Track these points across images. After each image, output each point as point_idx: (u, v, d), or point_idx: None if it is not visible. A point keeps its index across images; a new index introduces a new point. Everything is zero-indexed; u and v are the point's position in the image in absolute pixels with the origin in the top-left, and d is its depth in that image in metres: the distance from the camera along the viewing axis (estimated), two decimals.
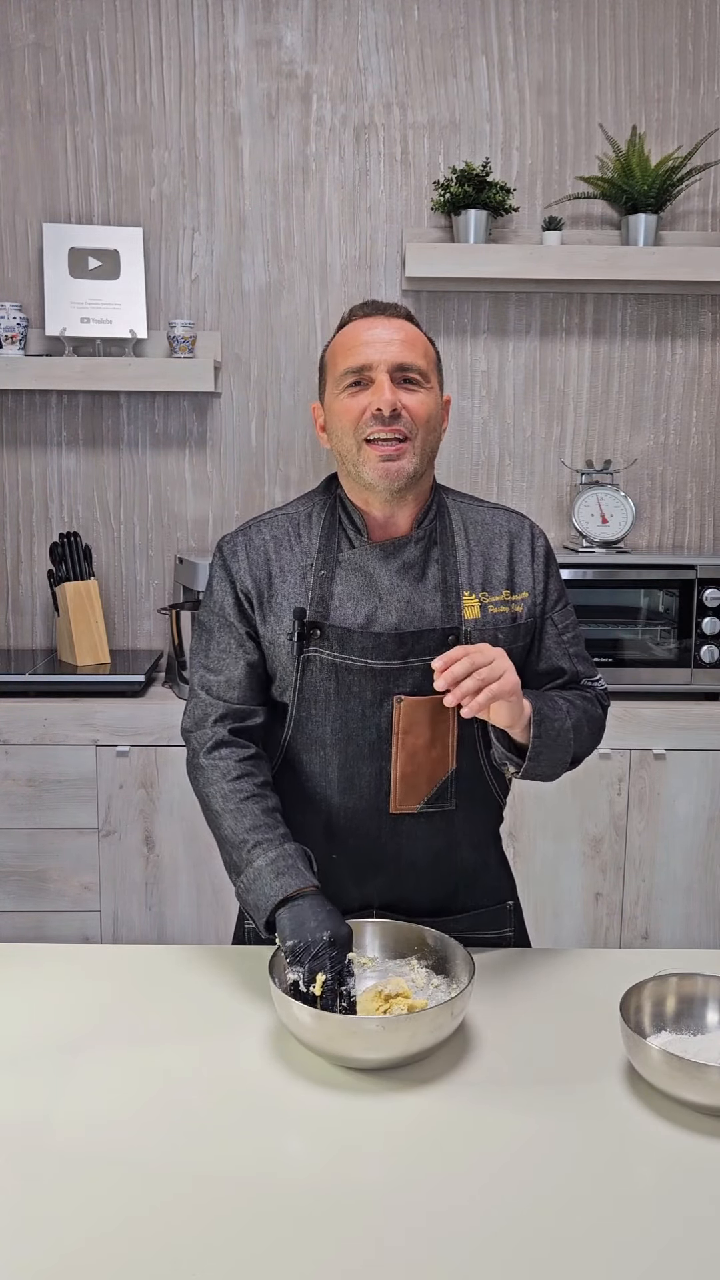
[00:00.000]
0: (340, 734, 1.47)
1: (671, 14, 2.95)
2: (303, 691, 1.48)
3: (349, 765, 1.48)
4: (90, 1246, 0.98)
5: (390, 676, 1.45)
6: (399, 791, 1.48)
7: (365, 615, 1.45)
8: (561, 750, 1.43)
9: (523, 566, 1.52)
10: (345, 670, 1.45)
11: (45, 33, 2.92)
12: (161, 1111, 1.18)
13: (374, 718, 1.46)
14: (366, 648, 1.44)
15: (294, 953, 1.30)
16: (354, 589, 1.47)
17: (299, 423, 3.08)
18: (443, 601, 1.47)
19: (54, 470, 3.09)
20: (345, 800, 1.49)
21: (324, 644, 1.45)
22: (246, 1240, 0.99)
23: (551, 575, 1.55)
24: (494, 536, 1.52)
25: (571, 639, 1.56)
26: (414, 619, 1.46)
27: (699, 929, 2.80)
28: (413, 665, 1.45)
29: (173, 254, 3.02)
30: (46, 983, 1.45)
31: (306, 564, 1.49)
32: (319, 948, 1.29)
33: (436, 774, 1.48)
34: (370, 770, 1.48)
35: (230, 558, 1.51)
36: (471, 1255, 0.97)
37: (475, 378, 3.09)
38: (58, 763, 2.69)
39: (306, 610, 1.46)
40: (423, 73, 2.96)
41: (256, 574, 1.49)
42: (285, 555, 1.49)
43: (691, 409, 3.12)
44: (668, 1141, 1.13)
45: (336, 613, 1.46)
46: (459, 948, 1.35)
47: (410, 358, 1.42)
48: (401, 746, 1.46)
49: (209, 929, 2.75)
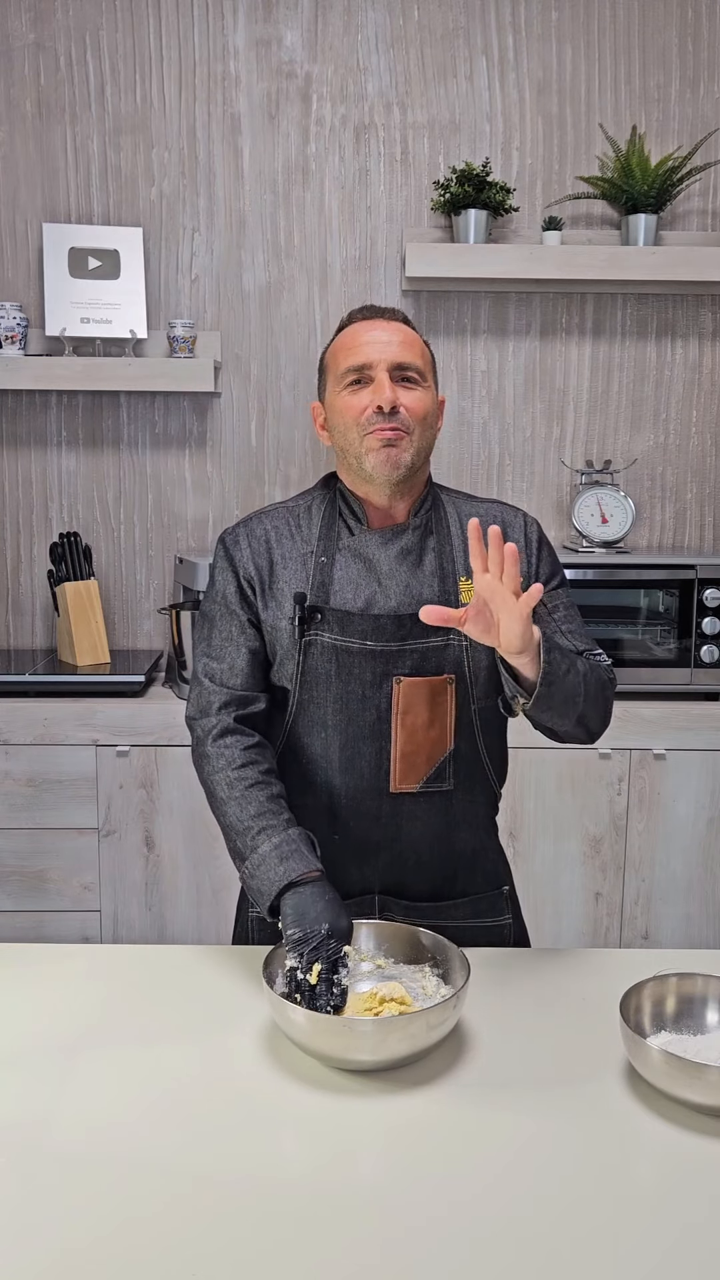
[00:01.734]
0: (341, 715, 1.51)
1: (671, 14, 2.95)
2: (304, 674, 1.51)
3: (350, 745, 1.51)
4: (89, 1246, 0.98)
5: (389, 658, 1.49)
6: (399, 770, 1.51)
7: (365, 599, 1.50)
8: (572, 688, 1.41)
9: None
10: (345, 652, 1.49)
11: (45, 33, 2.92)
12: (161, 1112, 1.18)
13: (374, 699, 1.50)
14: (366, 630, 1.48)
15: (295, 942, 1.33)
16: (354, 574, 1.51)
17: (299, 423, 3.08)
18: (440, 587, 1.51)
19: (54, 470, 3.09)
20: (347, 780, 1.52)
21: (325, 627, 1.49)
22: (246, 1240, 0.99)
23: (543, 558, 1.57)
24: (487, 526, 1.53)
25: (564, 617, 1.56)
26: (412, 603, 1.49)
27: (699, 929, 2.80)
28: (411, 647, 1.49)
29: (173, 254, 3.02)
30: (46, 983, 1.45)
31: (307, 551, 1.53)
32: (318, 940, 1.32)
33: (435, 754, 1.52)
34: (371, 750, 1.51)
35: (232, 546, 1.55)
36: (471, 1256, 0.97)
37: (475, 378, 3.09)
38: (58, 763, 2.69)
39: (307, 595, 1.49)
40: (423, 73, 2.96)
41: (259, 561, 1.53)
42: (286, 543, 1.54)
43: (691, 409, 3.12)
44: (668, 1141, 1.13)
45: (337, 597, 1.50)
46: (455, 949, 1.35)
47: (408, 357, 1.48)
48: (401, 726, 1.50)
49: (209, 929, 2.75)
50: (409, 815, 1.53)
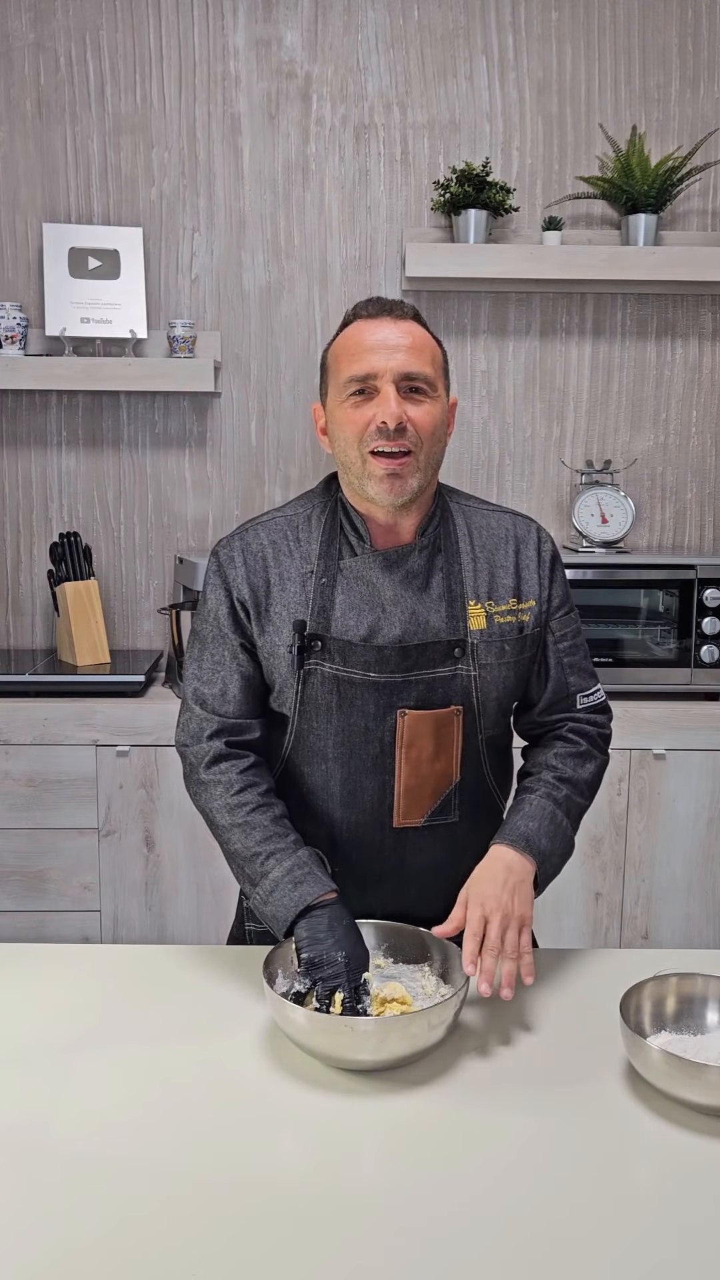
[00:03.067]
0: (343, 748, 1.45)
1: (671, 14, 2.95)
2: (303, 704, 1.44)
3: (351, 779, 1.45)
4: (90, 1246, 0.98)
5: (394, 689, 1.42)
6: (402, 805, 1.45)
7: (368, 627, 1.42)
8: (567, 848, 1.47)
9: (529, 573, 1.48)
10: (347, 683, 1.42)
11: (45, 33, 2.92)
12: (161, 1112, 1.18)
13: (377, 731, 1.43)
14: (369, 661, 1.41)
15: (308, 965, 1.30)
16: (356, 599, 1.43)
17: (299, 423, 3.08)
18: (448, 612, 1.43)
19: (54, 470, 3.09)
20: (348, 814, 1.47)
21: (325, 657, 1.42)
22: (246, 1241, 0.99)
23: (556, 581, 1.51)
24: (499, 542, 1.48)
25: (569, 648, 1.52)
26: (418, 631, 1.42)
27: (699, 929, 2.80)
28: (416, 678, 1.42)
29: (173, 254, 3.02)
30: (46, 983, 1.45)
31: (306, 571, 1.44)
32: (335, 967, 1.29)
33: (440, 787, 1.46)
34: (373, 784, 1.45)
35: (227, 564, 1.46)
36: (471, 1256, 0.97)
37: (475, 378, 3.09)
38: (58, 763, 2.69)
39: (307, 622, 1.41)
40: (423, 73, 2.96)
41: (254, 581, 1.44)
42: (284, 561, 1.44)
43: (691, 409, 3.12)
44: (668, 1141, 1.13)
45: (338, 624, 1.42)
46: (455, 948, 1.35)
47: (417, 366, 1.37)
48: (405, 760, 1.43)
49: (209, 929, 2.75)
50: (413, 848, 1.48)
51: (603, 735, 1.55)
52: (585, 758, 1.51)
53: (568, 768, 1.49)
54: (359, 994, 1.28)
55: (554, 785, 1.48)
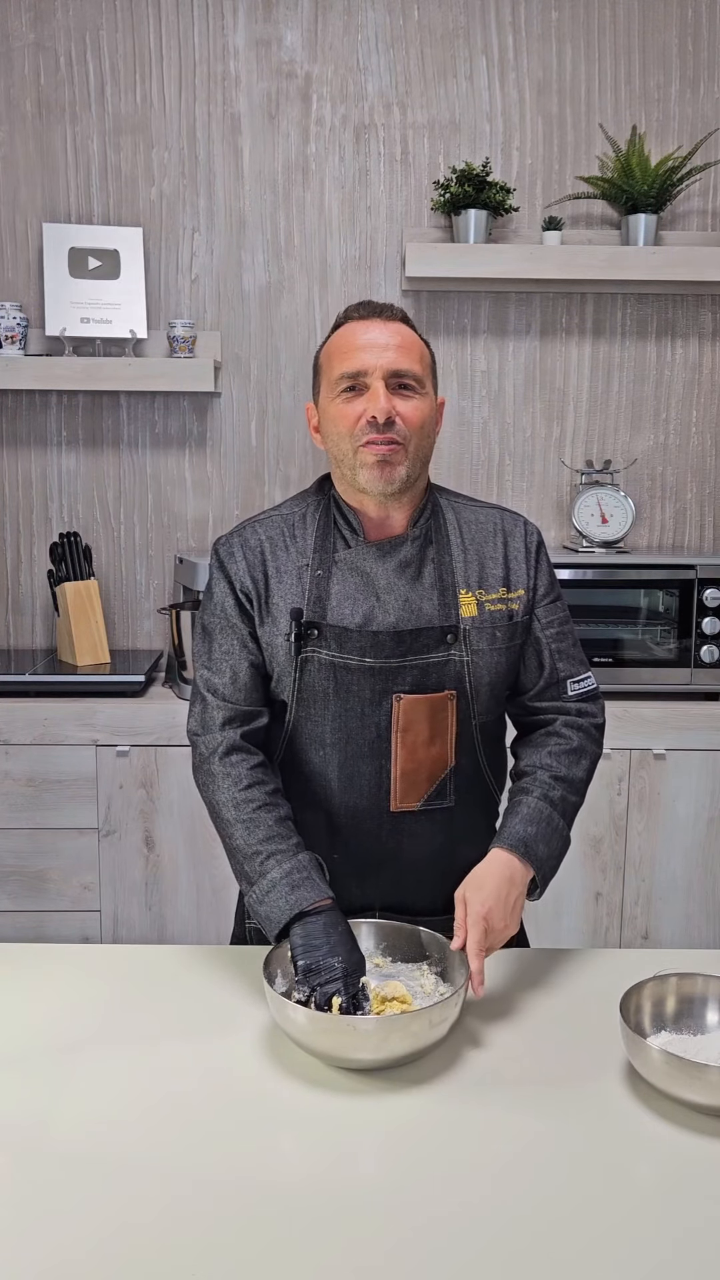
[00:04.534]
0: (340, 733, 1.48)
1: (671, 14, 2.95)
2: (301, 691, 1.48)
3: (349, 764, 1.49)
4: (89, 1246, 0.98)
5: (389, 675, 1.45)
6: (399, 789, 1.49)
7: (363, 614, 1.46)
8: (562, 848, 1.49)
9: (517, 564, 1.53)
10: (344, 669, 1.46)
11: (45, 32, 2.92)
12: (161, 1112, 1.18)
13: (373, 716, 1.47)
14: (365, 646, 1.45)
15: (304, 971, 1.31)
16: (351, 588, 1.47)
17: (299, 423, 3.08)
18: (440, 599, 1.48)
19: (54, 470, 3.09)
20: (346, 799, 1.50)
21: (322, 644, 1.46)
22: (246, 1241, 0.99)
23: (541, 570, 1.55)
24: (488, 535, 1.53)
25: (556, 634, 1.55)
26: (412, 617, 1.46)
27: (699, 929, 2.80)
28: (411, 663, 1.46)
29: (173, 254, 3.02)
30: (46, 983, 1.45)
31: (303, 564, 1.49)
32: (331, 973, 1.29)
33: (436, 771, 1.49)
34: (370, 769, 1.48)
35: (227, 559, 1.51)
36: (472, 1256, 0.97)
37: (475, 378, 3.09)
38: (58, 763, 2.69)
39: (304, 610, 1.46)
40: (423, 73, 2.96)
41: (254, 574, 1.49)
42: (281, 555, 1.50)
43: (691, 409, 3.12)
44: (668, 1141, 1.13)
45: (334, 612, 1.46)
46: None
47: (405, 364, 1.42)
48: (401, 744, 1.47)
49: (209, 929, 2.75)
50: (410, 833, 1.51)
51: (595, 726, 1.58)
52: (579, 754, 1.54)
53: (562, 766, 1.52)
54: (357, 1001, 1.29)
55: (550, 785, 1.50)
